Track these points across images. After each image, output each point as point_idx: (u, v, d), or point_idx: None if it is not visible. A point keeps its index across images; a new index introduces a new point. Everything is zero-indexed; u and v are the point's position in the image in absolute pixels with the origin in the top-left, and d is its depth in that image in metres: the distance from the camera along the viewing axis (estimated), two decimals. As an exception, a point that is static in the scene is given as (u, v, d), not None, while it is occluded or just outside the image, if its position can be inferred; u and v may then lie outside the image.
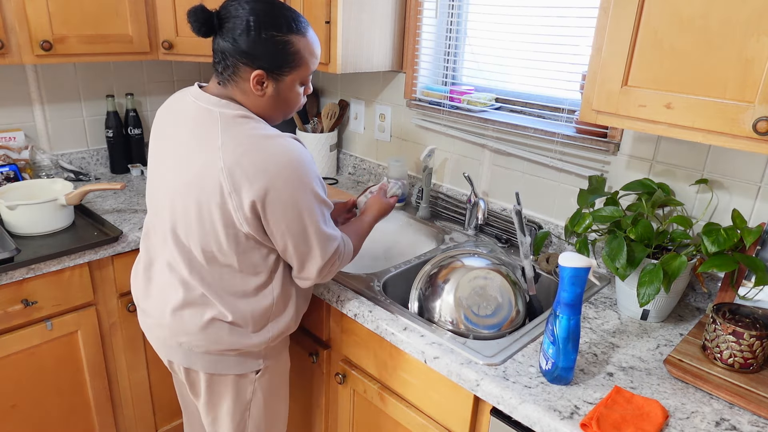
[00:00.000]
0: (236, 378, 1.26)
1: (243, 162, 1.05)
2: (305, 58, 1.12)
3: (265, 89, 1.11)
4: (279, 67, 1.10)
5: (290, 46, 1.09)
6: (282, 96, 1.14)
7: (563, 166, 1.58)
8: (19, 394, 1.57)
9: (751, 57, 0.92)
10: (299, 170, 1.07)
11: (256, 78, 1.09)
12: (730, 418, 1.00)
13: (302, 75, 1.14)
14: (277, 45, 1.07)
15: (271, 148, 1.06)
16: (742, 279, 1.22)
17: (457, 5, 1.80)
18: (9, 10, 1.54)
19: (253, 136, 1.07)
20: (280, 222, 1.09)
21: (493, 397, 1.06)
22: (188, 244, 1.15)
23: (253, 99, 1.12)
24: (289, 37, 1.08)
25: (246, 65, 1.08)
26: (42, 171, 1.99)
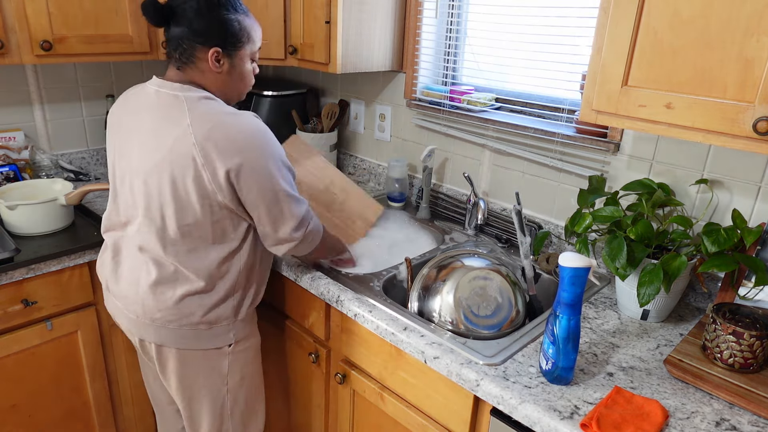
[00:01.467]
0: (209, 352, 1.32)
1: (213, 136, 1.14)
2: (252, 34, 1.25)
3: (222, 66, 1.22)
4: (232, 44, 1.21)
5: (238, 24, 1.21)
6: (237, 71, 1.25)
7: (563, 166, 1.58)
8: (19, 394, 1.57)
9: (751, 57, 0.92)
10: (265, 141, 1.18)
11: (213, 55, 1.20)
12: (730, 418, 1.00)
13: (251, 50, 1.27)
14: (227, 23, 1.19)
15: (238, 123, 1.17)
16: (742, 279, 1.22)
17: (457, 5, 1.80)
18: (9, 10, 1.54)
19: (218, 113, 1.17)
20: (252, 188, 1.18)
21: (493, 397, 1.06)
22: (163, 222, 1.21)
23: (212, 77, 1.23)
24: (236, 15, 1.21)
25: (202, 45, 1.19)
26: (42, 171, 1.99)
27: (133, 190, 1.24)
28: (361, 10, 1.72)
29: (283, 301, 1.60)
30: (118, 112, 1.30)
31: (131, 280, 1.28)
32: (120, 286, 1.31)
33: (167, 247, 1.23)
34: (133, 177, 1.23)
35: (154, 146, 1.18)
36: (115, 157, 1.28)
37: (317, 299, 1.46)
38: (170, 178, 1.17)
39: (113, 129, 1.30)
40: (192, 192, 1.17)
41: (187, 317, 1.26)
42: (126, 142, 1.25)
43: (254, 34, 1.26)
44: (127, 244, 1.29)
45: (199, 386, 1.35)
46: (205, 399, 1.36)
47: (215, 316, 1.28)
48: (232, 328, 1.33)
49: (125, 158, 1.25)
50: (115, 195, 1.31)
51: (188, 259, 1.24)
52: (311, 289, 1.43)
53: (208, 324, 1.28)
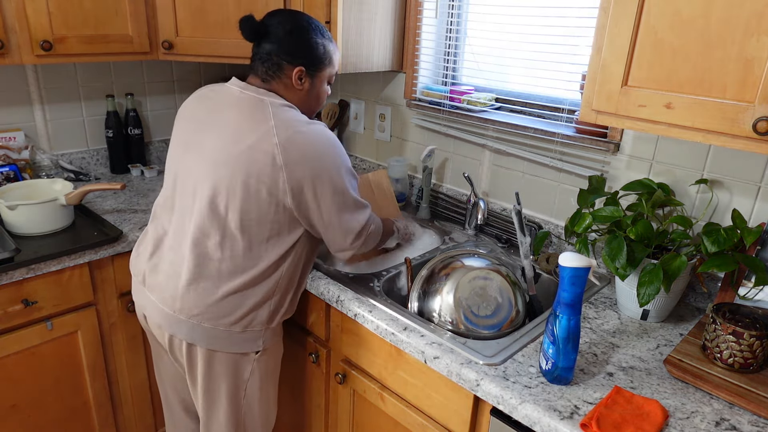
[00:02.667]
0: (236, 357, 1.32)
1: (295, 140, 1.21)
2: (333, 58, 1.35)
3: (303, 84, 1.31)
4: (315, 65, 1.31)
5: (323, 48, 1.31)
6: (315, 90, 1.35)
7: (563, 166, 1.58)
8: (19, 394, 1.57)
9: (751, 57, 0.92)
10: (337, 151, 1.27)
11: (297, 73, 1.28)
12: (730, 418, 1.00)
13: (330, 73, 1.36)
14: (314, 46, 1.30)
15: (315, 133, 1.24)
16: (742, 279, 1.22)
17: (457, 5, 1.80)
18: (9, 10, 1.54)
19: (299, 121, 1.24)
20: (324, 196, 1.24)
21: (493, 397, 1.06)
22: (225, 213, 1.23)
23: (293, 93, 1.31)
24: (322, 40, 1.31)
25: (289, 63, 1.28)
26: (42, 171, 1.99)
27: (198, 181, 1.26)
28: (361, 10, 1.72)
29: (283, 301, 1.60)
30: (192, 106, 1.35)
31: (172, 273, 1.29)
32: (158, 279, 1.32)
33: (225, 240, 1.25)
34: (201, 168, 1.26)
35: (233, 140, 1.22)
36: (181, 149, 1.32)
37: (317, 299, 1.46)
38: (245, 172, 1.20)
39: (185, 121, 1.34)
40: (263, 189, 1.20)
41: (225, 317, 1.27)
42: (198, 134, 1.28)
43: (335, 59, 1.36)
44: (175, 236, 1.30)
45: (221, 390, 1.34)
46: (225, 403, 1.36)
47: (251, 318, 1.29)
48: (263, 335, 1.33)
49: (194, 150, 1.28)
50: (173, 185, 1.33)
51: (241, 256, 1.25)
52: (311, 289, 1.44)
53: (243, 326, 1.29)
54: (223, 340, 1.29)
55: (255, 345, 1.33)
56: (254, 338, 1.32)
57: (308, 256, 1.38)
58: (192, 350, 1.31)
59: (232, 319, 1.27)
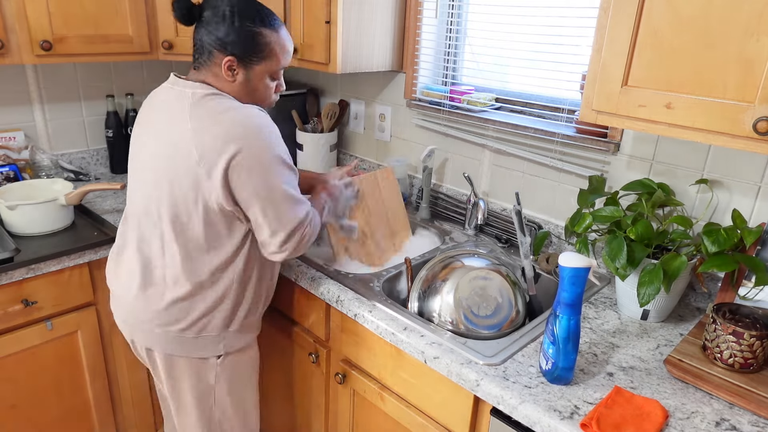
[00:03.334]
0: (195, 361, 1.30)
1: (210, 131, 1.13)
2: (275, 51, 1.21)
3: (235, 75, 1.20)
4: (249, 56, 1.19)
5: (261, 38, 1.19)
6: (251, 85, 1.23)
7: (563, 166, 1.58)
8: (19, 394, 1.57)
9: (751, 57, 0.92)
10: (261, 135, 1.15)
11: (227, 63, 1.18)
12: (730, 418, 1.00)
13: (271, 68, 1.23)
14: (249, 34, 1.17)
15: (236, 117, 1.15)
16: (742, 279, 1.22)
17: (457, 5, 1.80)
18: (9, 10, 1.54)
19: (219, 109, 1.16)
20: (246, 184, 1.14)
21: (493, 397, 1.06)
22: (159, 218, 1.21)
23: (224, 84, 1.21)
24: (261, 29, 1.18)
25: (219, 51, 1.18)
26: (42, 171, 1.99)
27: (137, 188, 1.26)
28: (361, 10, 1.72)
29: (283, 301, 1.60)
30: (141, 109, 1.32)
31: (125, 280, 1.28)
32: (117, 287, 1.32)
33: (164, 247, 1.22)
34: (138, 175, 1.26)
35: (160, 142, 1.19)
36: (133, 152, 1.31)
37: (317, 299, 1.46)
38: (167, 173, 1.17)
39: (136, 125, 1.32)
40: (187, 188, 1.16)
41: (173, 323, 1.25)
42: (141, 137, 1.27)
43: (278, 51, 1.22)
44: (130, 241, 1.29)
45: (186, 394, 1.33)
46: (193, 408, 1.34)
47: (203, 324, 1.26)
48: (222, 339, 1.30)
49: (135, 157, 1.28)
50: (128, 191, 1.33)
51: (181, 263, 1.22)
52: (311, 290, 1.43)
53: (195, 332, 1.26)
54: (177, 345, 1.27)
55: (215, 350, 1.30)
56: (211, 343, 1.29)
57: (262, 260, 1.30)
58: (151, 354, 1.31)
59: (183, 326, 1.25)
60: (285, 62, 1.25)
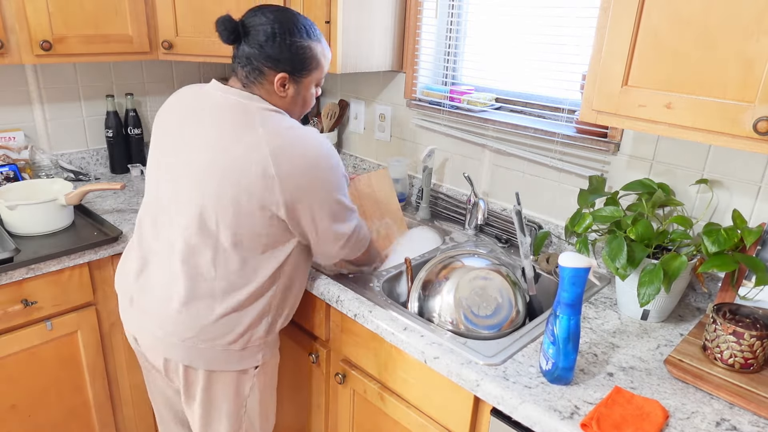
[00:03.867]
0: (237, 374, 1.28)
1: (287, 149, 1.13)
2: (321, 61, 1.24)
3: (287, 90, 1.22)
4: (300, 70, 1.21)
5: (309, 51, 1.21)
6: (301, 96, 1.25)
7: (563, 166, 1.58)
8: (19, 394, 1.57)
9: (751, 57, 0.92)
10: (333, 158, 1.20)
11: (280, 80, 1.19)
12: (730, 418, 1.00)
13: (318, 77, 1.26)
14: (298, 50, 1.19)
15: (309, 140, 1.17)
16: (743, 279, 1.22)
17: (457, 5, 1.80)
18: (9, 10, 1.54)
19: (289, 128, 1.17)
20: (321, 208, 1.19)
21: (493, 397, 1.06)
22: (217, 229, 1.16)
23: (276, 99, 1.22)
24: (309, 42, 1.20)
25: (270, 69, 1.18)
26: (42, 171, 1.99)
27: (183, 195, 1.18)
28: (361, 10, 1.72)
29: (283, 301, 1.60)
30: (172, 109, 1.26)
31: (162, 295, 1.21)
32: (148, 301, 1.24)
33: (217, 257, 1.18)
34: (186, 181, 1.18)
35: (219, 150, 1.14)
36: (163, 158, 1.23)
37: (317, 299, 1.46)
38: (234, 186, 1.12)
39: (161, 127, 1.26)
40: (255, 202, 1.13)
41: (223, 336, 1.21)
42: (180, 142, 1.20)
43: (323, 61, 1.25)
44: (162, 255, 1.22)
45: (221, 409, 1.31)
46: (224, 420, 1.32)
47: (250, 335, 1.24)
48: (262, 349, 1.29)
49: (176, 160, 1.20)
50: (156, 197, 1.25)
51: (235, 273, 1.19)
52: (311, 289, 1.43)
53: (242, 344, 1.24)
54: (222, 360, 1.24)
55: (254, 360, 1.29)
56: (254, 354, 1.28)
57: (304, 265, 1.33)
58: (189, 372, 1.25)
59: (231, 338, 1.22)
60: (327, 69, 1.29)
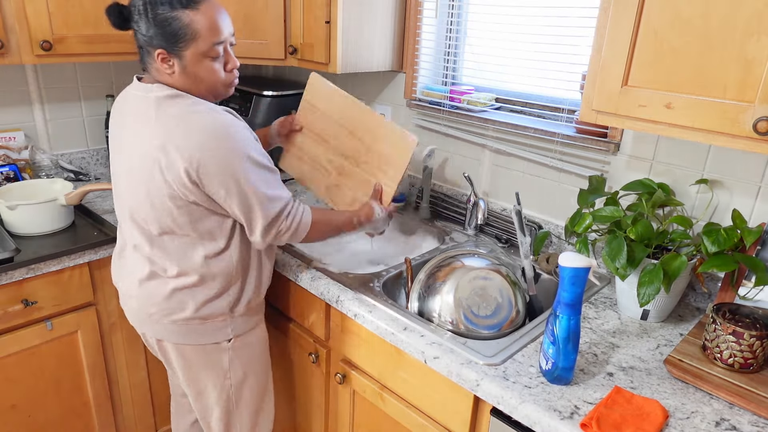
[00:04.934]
0: (207, 347, 1.32)
1: (174, 136, 1.12)
2: (198, 30, 1.13)
3: (172, 67, 1.16)
4: (174, 44, 1.13)
5: (177, 21, 1.12)
6: (191, 72, 1.17)
7: (563, 166, 1.58)
8: (19, 394, 1.57)
9: (751, 57, 0.92)
10: (227, 138, 1.13)
11: (159, 57, 1.15)
12: (730, 418, 1.00)
13: (201, 48, 1.15)
14: (165, 22, 1.12)
15: (200, 121, 1.13)
16: (742, 279, 1.22)
17: (457, 5, 1.80)
18: (9, 10, 1.54)
19: (182, 112, 1.14)
20: (218, 188, 1.15)
21: (493, 397, 1.06)
22: (146, 224, 1.22)
23: (167, 78, 1.18)
24: (176, 12, 1.11)
25: (150, 47, 1.15)
26: (42, 171, 1.99)
27: (120, 192, 1.27)
28: (361, 10, 1.72)
29: (282, 301, 1.60)
30: (113, 112, 1.31)
31: (130, 275, 1.31)
32: (123, 282, 1.35)
33: (154, 246, 1.24)
34: (118, 181, 1.27)
35: (129, 150, 1.21)
36: (111, 156, 1.32)
37: (317, 299, 1.46)
38: (143, 182, 1.18)
39: (110, 130, 1.32)
40: (165, 194, 1.17)
41: (177, 312, 1.27)
42: (114, 142, 1.28)
43: (201, 30, 1.13)
44: (128, 241, 1.31)
45: (203, 380, 1.37)
46: (211, 392, 1.38)
47: (208, 311, 1.28)
48: (229, 323, 1.33)
49: (115, 157, 1.28)
50: (114, 190, 1.34)
51: (175, 256, 1.24)
52: (311, 289, 1.43)
53: (201, 319, 1.29)
54: (185, 334, 1.30)
55: (223, 334, 1.32)
56: (219, 328, 1.32)
57: None
58: (162, 345, 1.34)
59: (187, 315, 1.27)
60: (217, 38, 1.16)
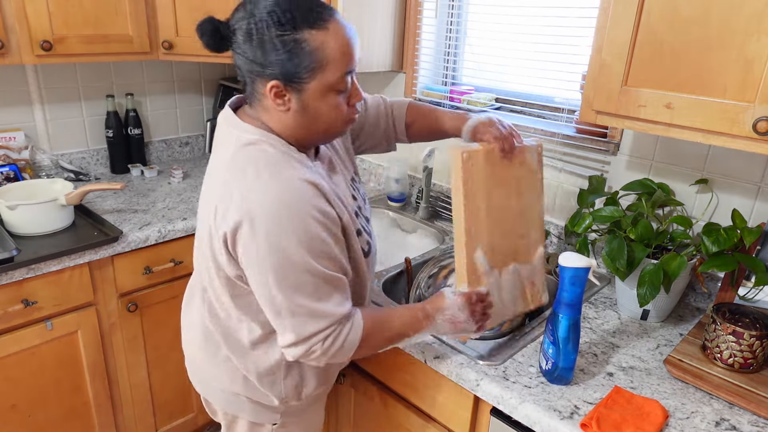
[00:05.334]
0: (251, 424, 1.14)
1: (225, 200, 0.91)
2: (327, 56, 0.88)
3: (288, 103, 0.92)
4: (295, 74, 0.89)
5: (302, 45, 0.87)
6: (311, 109, 0.92)
7: (563, 166, 1.58)
8: (19, 394, 1.57)
9: (751, 57, 0.92)
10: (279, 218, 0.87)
11: (272, 90, 0.90)
12: (730, 418, 1.00)
13: (329, 79, 0.90)
14: (284, 47, 0.87)
15: (259, 185, 0.89)
16: (742, 279, 1.22)
17: (457, 5, 1.80)
18: (9, 10, 1.54)
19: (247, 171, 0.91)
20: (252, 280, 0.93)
21: (493, 397, 1.06)
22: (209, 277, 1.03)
23: (278, 117, 0.94)
24: (301, 34, 0.86)
25: (260, 77, 0.90)
26: (42, 171, 1.99)
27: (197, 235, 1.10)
28: (361, 11, 1.72)
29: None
30: None
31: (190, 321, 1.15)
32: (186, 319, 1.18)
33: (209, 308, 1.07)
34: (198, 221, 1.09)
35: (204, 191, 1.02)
36: None
37: (317, 299, 1.46)
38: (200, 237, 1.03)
39: None
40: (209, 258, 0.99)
41: (229, 383, 1.10)
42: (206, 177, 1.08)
43: (331, 55, 0.88)
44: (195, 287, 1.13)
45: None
46: None
47: (256, 397, 1.10)
48: (280, 411, 1.13)
49: None
50: None
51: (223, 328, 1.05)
52: (311, 289, 1.43)
53: (250, 400, 1.10)
54: (233, 403, 1.12)
55: (270, 418, 1.13)
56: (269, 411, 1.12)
57: None
58: (209, 404, 1.21)
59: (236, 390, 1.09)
60: (349, 65, 0.92)
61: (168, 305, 1.80)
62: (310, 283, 0.90)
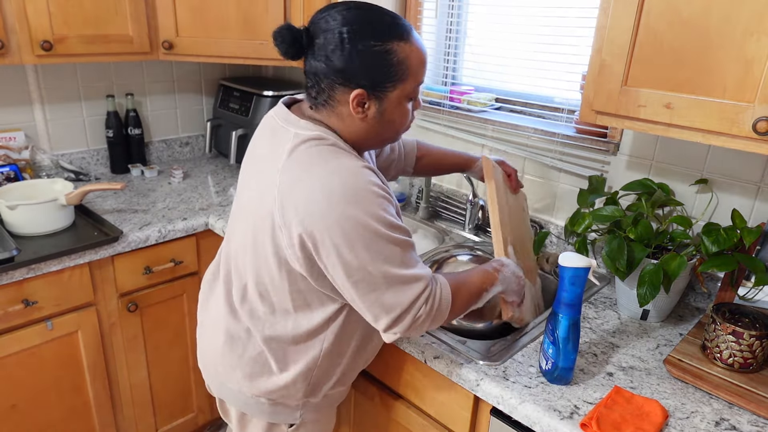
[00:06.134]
0: (267, 425, 1.15)
1: (295, 191, 0.93)
2: (411, 67, 0.96)
3: (366, 110, 0.97)
4: (381, 83, 0.94)
5: (392, 56, 0.93)
6: (387, 116, 0.99)
7: (563, 166, 1.58)
8: (19, 394, 1.57)
9: (751, 57, 0.92)
10: (355, 198, 0.91)
11: (356, 99, 0.94)
12: (729, 417, 1.00)
13: (408, 88, 0.98)
14: (375, 57, 0.92)
15: (326, 179, 0.91)
16: (742, 279, 1.22)
17: (457, 5, 1.80)
18: (9, 10, 1.54)
19: (312, 164, 0.94)
20: (336, 266, 0.93)
21: (493, 397, 1.06)
22: (245, 274, 1.06)
23: (352, 123, 0.98)
24: (390, 45, 0.93)
25: (343, 86, 0.94)
26: (42, 171, 1.99)
27: (234, 230, 1.10)
28: (361, 10, 1.72)
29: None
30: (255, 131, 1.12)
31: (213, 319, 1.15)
32: (205, 317, 1.19)
33: (245, 303, 1.07)
34: (237, 214, 1.10)
35: (252, 185, 1.03)
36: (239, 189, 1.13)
37: (317, 299, 1.46)
38: (253, 228, 1.01)
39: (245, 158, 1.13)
40: (270, 252, 0.99)
41: (249, 386, 1.10)
42: (244, 173, 1.10)
43: (415, 66, 0.96)
44: (221, 279, 1.14)
45: None
46: None
47: (280, 395, 1.10)
48: (300, 408, 1.13)
49: (240, 193, 1.10)
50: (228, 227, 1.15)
51: (263, 325, 1.06)
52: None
53: (271, 401, 1.11)
54: (250, 405, 1.13)
55: (289, 417, 1.14)
56: (288, 411, 1.13)
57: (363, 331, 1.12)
58: (224, 404, 1.22)
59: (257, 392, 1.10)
60: (423, 76, 1.00)
61: (168, 305, 1.80)
62: (397, 253, 0.95)
